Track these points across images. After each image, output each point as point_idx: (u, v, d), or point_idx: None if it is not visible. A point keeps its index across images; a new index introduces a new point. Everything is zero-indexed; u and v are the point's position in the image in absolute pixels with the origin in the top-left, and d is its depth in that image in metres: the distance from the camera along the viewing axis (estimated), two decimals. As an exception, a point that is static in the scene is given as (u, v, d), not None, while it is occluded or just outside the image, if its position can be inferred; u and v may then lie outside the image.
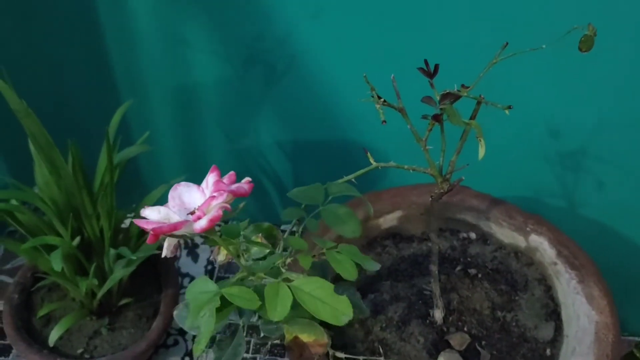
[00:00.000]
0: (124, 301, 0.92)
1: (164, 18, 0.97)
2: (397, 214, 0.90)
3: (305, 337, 0.59)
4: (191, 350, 1.03)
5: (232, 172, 0.54)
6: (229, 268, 1.16)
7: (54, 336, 0.85)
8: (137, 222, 0.49)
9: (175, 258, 1.16)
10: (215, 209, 0.49)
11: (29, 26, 1.00)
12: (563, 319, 0.78)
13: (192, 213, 0.51)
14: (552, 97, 0.91)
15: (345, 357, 0.73)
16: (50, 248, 0.82)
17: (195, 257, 1.18)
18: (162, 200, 0.93)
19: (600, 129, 0.91)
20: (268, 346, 0.94)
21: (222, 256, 0.63)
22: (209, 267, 1.16)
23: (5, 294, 0.93)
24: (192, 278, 1.13)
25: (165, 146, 1.15)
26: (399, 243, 0.91)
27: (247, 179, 0.54)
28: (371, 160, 0.66)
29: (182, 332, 1.05)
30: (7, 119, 0.76)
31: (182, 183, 0.53)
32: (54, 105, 1.08)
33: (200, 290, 0.51)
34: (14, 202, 0.82)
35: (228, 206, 0.50)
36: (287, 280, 0.52)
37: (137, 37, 1.00)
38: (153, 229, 0.49)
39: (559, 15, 0.82)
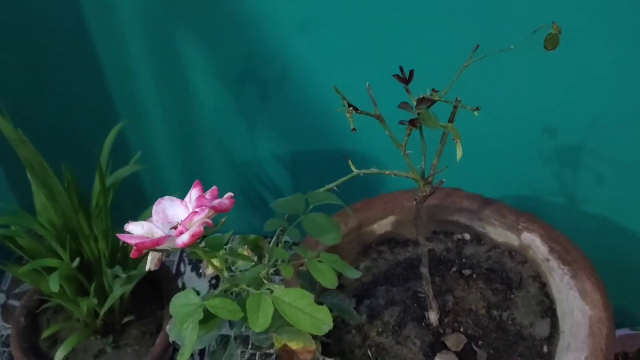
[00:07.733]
0: (126, 319, 0.93)
1: (159, 40, 1.00)
2: (391, 219, 0.91)
3: (293, 345, 0.60)
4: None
5: (214, 187, 0.55)
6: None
7: (59, 356, 0.87)
8: (121, 236, 0.50)
9: (177, 275, 1.18)
10: (197, 225, 0.50)
11: (25, 57, 1.03)
12: (558, 315, 0.78)
13: (175, 227, 0.52)
14: (545, 95, 0.91)
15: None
16: (52, 271, 0.83)
17: (199, 272, 1.20)
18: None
19: (595, 124, 0.91)
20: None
21: (210, 269, 0.65)
22: (214, 282, 1.18)
23: (12, 318, 0.96)
24: (197, 294, 1.14)
25: (165, 162, 1.17)
26: (394, 248, 0.91)
27: (229, 194, 0.55)
28: (352, 168, 0.67)
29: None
30: (12, 149, 0.79)
31: (166, 197, 0.53)
32: (52, 129, 1.10)
33: (183, 302, 0.52)
34: (13, 227, 0.84)
35: (210, 222, 0.51)
36: (269, 291, 0.53)
37: (133, 61, 1.02)
38: (136, 244, 0.49)
39: (538, 15, 0.82)
